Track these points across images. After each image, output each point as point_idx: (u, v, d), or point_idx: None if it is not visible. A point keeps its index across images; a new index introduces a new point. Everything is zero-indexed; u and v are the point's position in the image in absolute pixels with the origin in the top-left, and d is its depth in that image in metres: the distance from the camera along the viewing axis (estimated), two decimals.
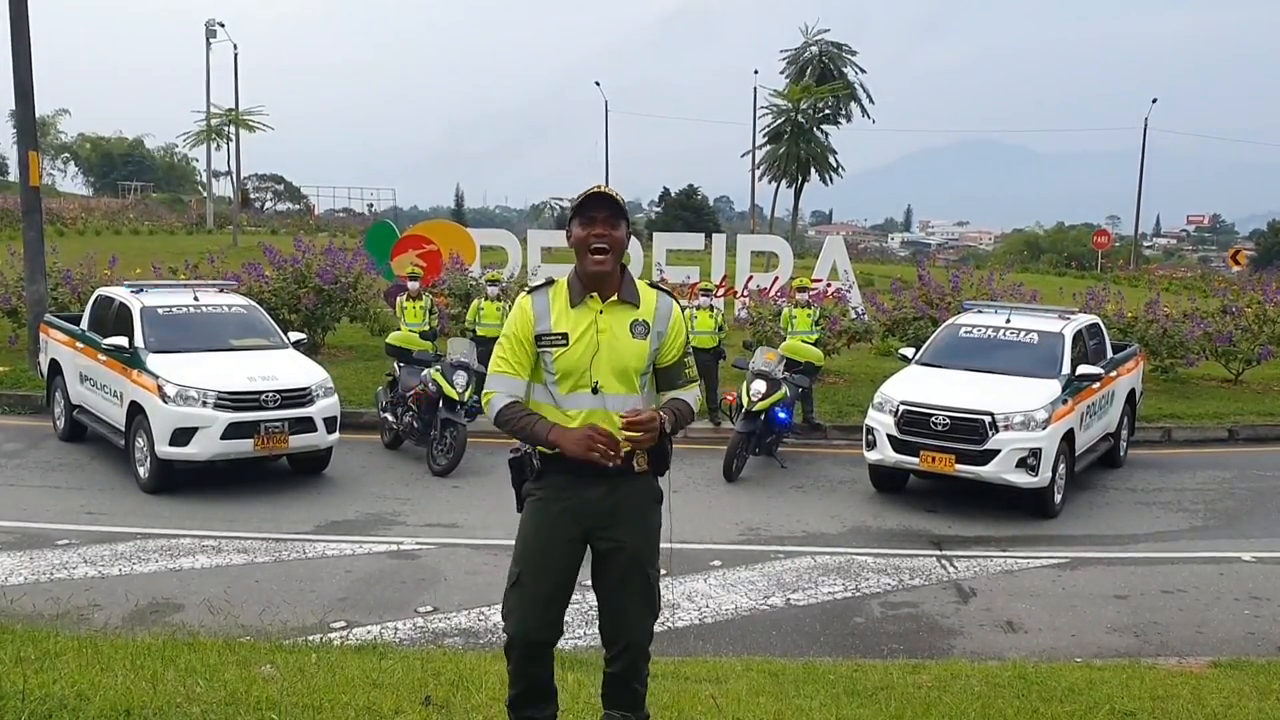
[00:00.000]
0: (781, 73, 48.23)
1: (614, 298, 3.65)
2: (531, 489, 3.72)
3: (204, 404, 9.84)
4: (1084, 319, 12.00)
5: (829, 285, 20.46)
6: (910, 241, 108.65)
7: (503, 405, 3.67)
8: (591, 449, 3.47)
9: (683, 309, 3.98)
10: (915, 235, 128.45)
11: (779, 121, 45.70)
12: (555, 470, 3.65)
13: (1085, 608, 7.71)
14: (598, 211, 3.58)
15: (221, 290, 12.37)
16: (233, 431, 9.87)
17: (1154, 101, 46.55)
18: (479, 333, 14.05)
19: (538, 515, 3.69)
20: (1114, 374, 11.87)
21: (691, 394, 3.83)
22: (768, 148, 46.07)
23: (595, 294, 3.64)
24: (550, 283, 3.75)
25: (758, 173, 46.03)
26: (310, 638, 6.30)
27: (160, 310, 11.02)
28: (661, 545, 3.88)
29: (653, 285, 3.80)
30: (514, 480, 3.78)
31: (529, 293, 3.75)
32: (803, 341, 13.22)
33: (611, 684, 3.81)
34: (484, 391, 3.77)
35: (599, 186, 3.67)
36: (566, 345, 3.61)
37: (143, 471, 10.08)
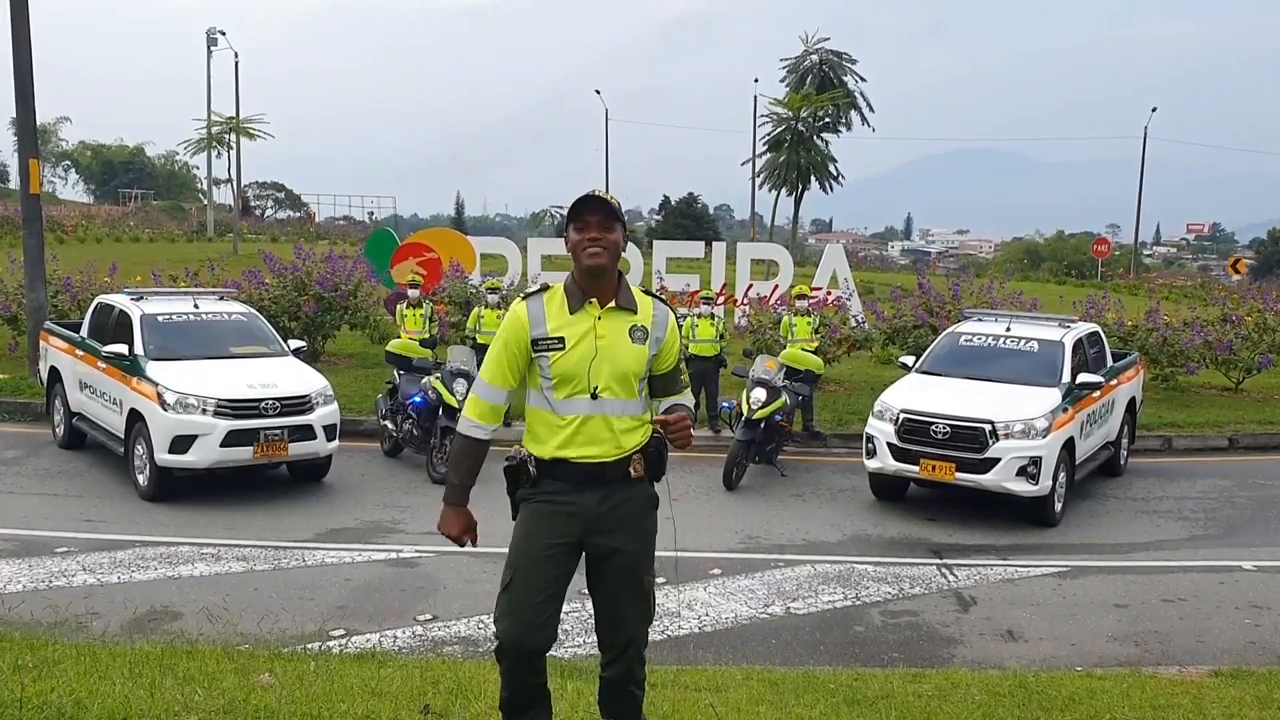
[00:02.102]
0: (781, 81, 48.28)
1: (612, 303, 3.67)
2: (527, 494, 3.73)
3: (204, 411, 9.83)
4: (1084, 327, 12.00)
5: (829, 293, 20.46)
6: (910, 250, 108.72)
7: (468, 432, 3.80)
8: (458, 535, 3.81)
9: (683, 317, 4.02)
10: (915, 243, 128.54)
11: (779, 130, 45.71)
12: (551, 476, 3.66)
13: (1086, 616, 7.70)
14: (591, 215, 3.60)
15: (222, 298, 12.37)
16: (232, 439, 9.86)
17: (1154, 110, 46.58)
18: (479, 340, 14.07)
19: (533, 520, 3.70)
20: (1114, 382, 11.87)
21: (687, 399, 3.89)
22: (768, 156, 46.07)
23: (594, 300, 3.65)
24: (546, 288, 3.76)
25: (758, 181, 46.04)
26: (309, 646, 6.30)
27: (160, 318, 11.02)
28: (668, 554, 3.90)
29: (647, 293, 3.81)
30: (508, 487, 3.79)
31: (524, 298, 3.76)
32: (803, 349, 13.23)
33: (608, 689, 3.81)
34: (470, 393, 3.83)
35: (593, 191, 3.68)
36: (564, 350, 3.62)
37: (142, 479, 10.07)
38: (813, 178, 46.21)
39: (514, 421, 4.67)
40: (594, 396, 3.60)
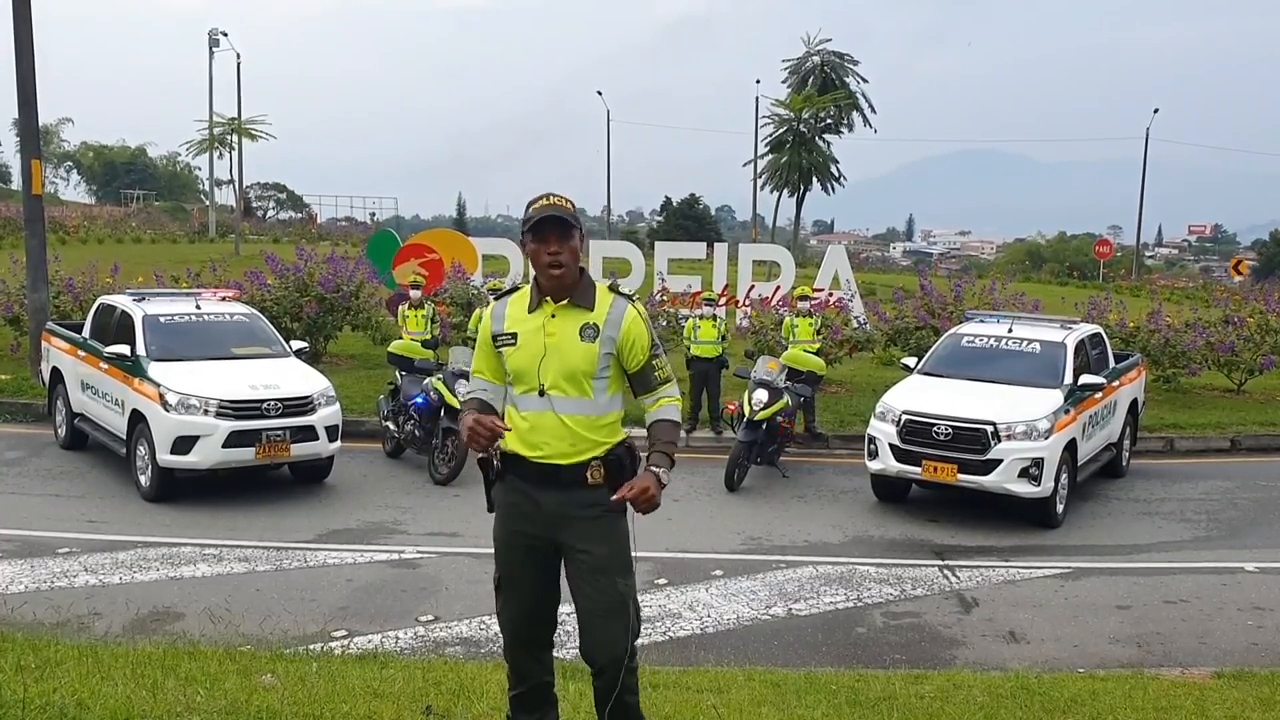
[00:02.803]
0: (783, 82, 48.32)
1: (565, 301, 3.67)
2: (497, 491, 3.78)
3: (205, 412, 9.83)
4: (1086, 329, 11.99)
5: (831, 294, 20.45)
6: (912, 251, 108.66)
7: (464, 398, 3.82)
8: (471, 440, 3.55)
9: (685, 318, 4.01)
10: (917, 245, 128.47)
11: (781, 131, 45.74)
12: (511, 472, 3.71)
13: (1088, 618, 7.69)
14: (550, 229, 3.61)
15: (223, 299, 12.37)
16: (234, 440, 9.87)
17: (1155, 111, 46.53)
18: None
19: (504, 517, 3.77)
20: (1116, 384, 11.86)
21: (672, 405, 3.80)
22: (769, 157, 46.10)
23: (549, 298, 3.68)
24: (516, 289, 3.83)
25: (759, 182, 46.06)
26: (311, 647, 6.30)
27: (162, 318, 11.02)
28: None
29: (612, 289, 3.79)
30: (484, 480, 3.83)
31: (496, 298, 3.85)
32: (805, 351, 13.23)
33: (601, 697, 3.81)
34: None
35: (549, 200, 3.64)
36: (515, 345, 3.67)
37: (144, 480, 10.07)
38: (814, 179, 46.24)
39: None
40: (541, 394, 3.62)
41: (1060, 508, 10.15)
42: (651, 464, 3.63)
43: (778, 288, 22.22)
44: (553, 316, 3.65)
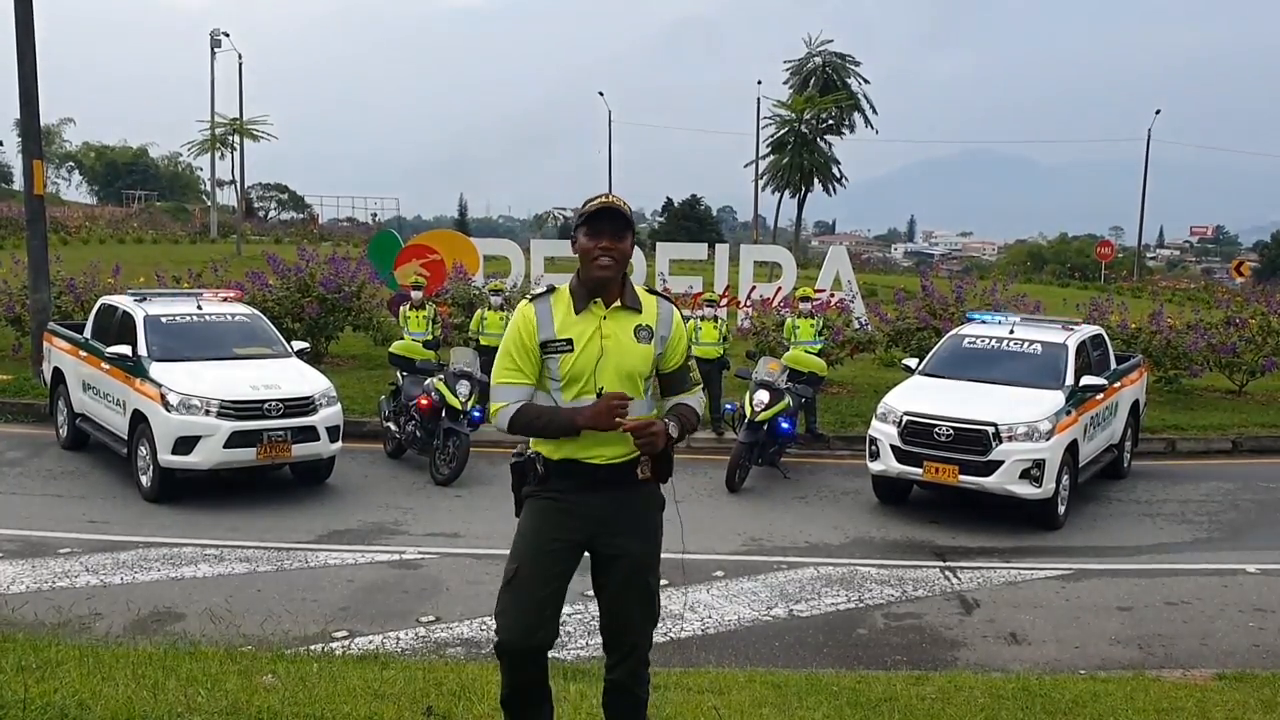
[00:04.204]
0: (785, 83, 48.39)
1: (617, 303, 3.66)
2: (534, 491, 3.71)
3: (207, 413, 9.83)
4: (1087, 330, 11.99)
5: (832, 295, 20.45)
6: (913, 252, 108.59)
7: (515, 411, 3.64)
8: (614, 416, 3.47)
9: (685, 319, 3.99)
10: (918, 246, 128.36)
11: (782, 132, 45.79)
12: (560, 474, 3.65)
13: (1089, 619, 7.69)
14: (606, 224, 3.59)
15: (225, 299, 12.37)
16: (235, 440, 9.87)
17: (1157, 112, 46.54)
18: (482, 342, 14.08)
19: (538, 516, 3.69)
20: (1117, 385, 11.86)
21: (696, 398, 3.86)
22: (771, 158, 46.14)
23: (598, 300, 3.65)
24: (551, 290, 3.76)
25: (761, 183, 46.08)
26: (312, 647, 6.30)
27: (163, 319, 11.03)
28: (674, 556, 3.89)
29: (651, 291, 3.81)
30: (514, 484, 3.78)
31: (530, 300, 3.76)
32: (806, 352, 13.22)
33: (612, 692, 3.80)
34: (491, 404, 3.72)
35: (608, 198, 3.66)
36: (573, 351, 3.62)
37: (145, 480, 10.07)
38: (816, 179, 46.28)
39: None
40: (599, 396, 3.59)
41: (1062, 509, 10.15)
42: (667, 415, 3.72)
43: (779, 289, 22.22)
44: (605, 319, 3.64)
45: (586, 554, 3.73)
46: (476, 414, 11.06)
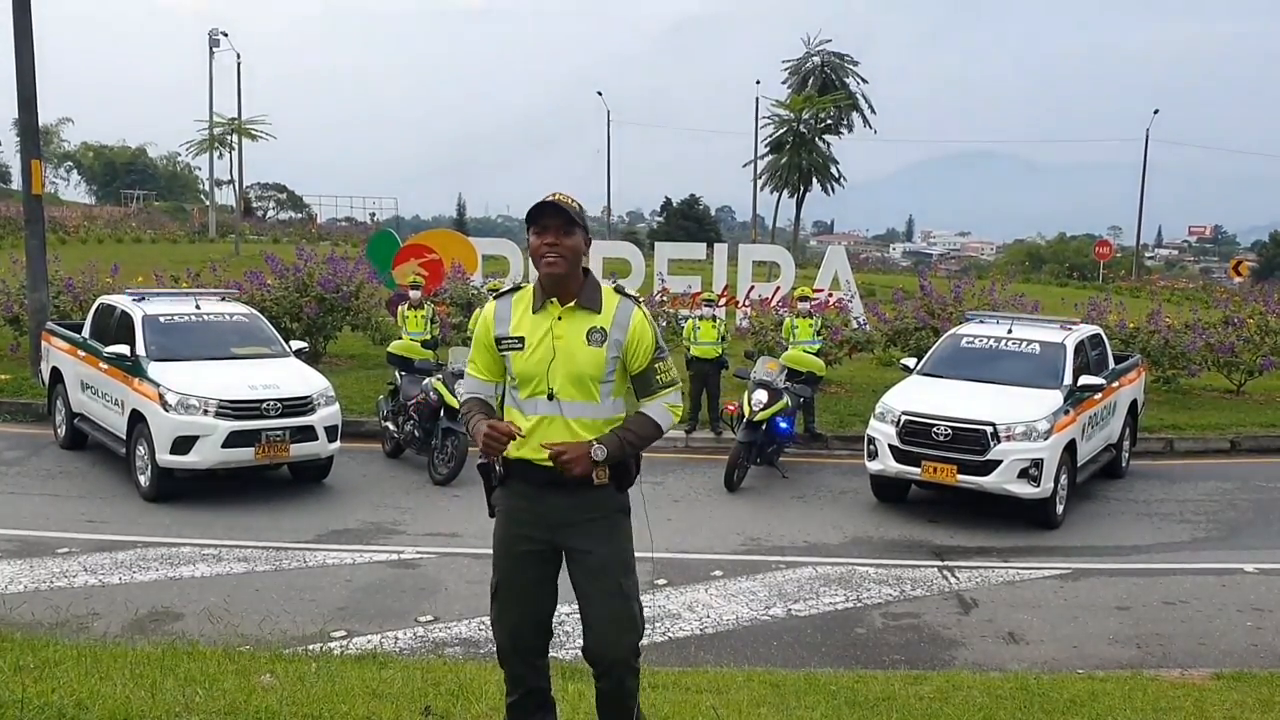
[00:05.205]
0: (783, 83, 48.32)
1: (572, 304, 3.62)
2: (499, 496, 3.75)
3: (205, 412, 9.83)
4: (1086, 329, 11.99)
5: (830, 295, 20.47)
6: (912, 252, 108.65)
7: (464, 402, 3.81)
8: (487, 448, 3.56)
9: (684, 319, 3.98)
10: (917, 245, 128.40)
11: (781, 131, 45.72)
12: (516, 477, 3.67)
13: (1087, 619, 7.69)
14: (549, 220, 3.57)
15: (223, 299, 12.37)
16: (234, 440, 9.87)
17: (1156, 113, 46.51)
18: None
19: (506, 518, 3.73)
20: (1116, 384, 11.86)
21: (658, 405, 3.71)
22: (769, 158, 46.09)
23: (554, 299, 3.63)
24: (518, 288, 3.77)
25: (759, 182, 46.06)
26: (310, 647, 6.30)
27: (162, 318, 11.02)
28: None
29: (618, 290, 3.74)
30: (485, 486, 3.81)
31: (496, 298, 3.79)
32: (804, 351, 13.23)
33: (602, 700, 3.80)
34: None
35: (553, 195, 3.63)
36: (523, 349, 3.62)
37: (143, 480, 10.07)
38: (814, 179, 46.23)
39: None
40: (550, 397, 3.58)
41: (1060, 508, 10.15)
42: (599, 439, 3.58)
43: (778, 288, 22.23)
44: (559, 319, 3.60)
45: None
46: None
